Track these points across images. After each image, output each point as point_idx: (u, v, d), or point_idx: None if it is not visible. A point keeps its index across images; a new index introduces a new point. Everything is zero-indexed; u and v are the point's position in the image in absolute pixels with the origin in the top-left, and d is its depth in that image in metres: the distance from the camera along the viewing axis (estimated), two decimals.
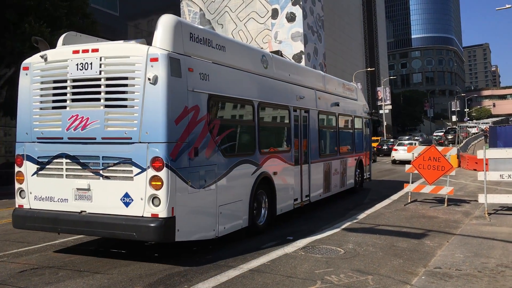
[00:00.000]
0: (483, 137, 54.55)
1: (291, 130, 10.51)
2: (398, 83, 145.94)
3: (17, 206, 7.47)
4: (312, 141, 11.70)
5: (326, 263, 6.72)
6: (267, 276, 6.11)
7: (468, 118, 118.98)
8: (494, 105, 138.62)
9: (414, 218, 10.59)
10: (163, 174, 6.41)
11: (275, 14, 54.91)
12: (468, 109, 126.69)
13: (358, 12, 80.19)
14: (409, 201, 13.04)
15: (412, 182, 13.23)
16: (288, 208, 10.17)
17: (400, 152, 31.06)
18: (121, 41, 7.39)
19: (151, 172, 6.45)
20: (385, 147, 43.06)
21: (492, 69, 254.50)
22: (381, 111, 72.49)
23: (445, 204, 12.44)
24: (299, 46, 53.36)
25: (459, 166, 26.69)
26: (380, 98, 76.23)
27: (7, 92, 19.95)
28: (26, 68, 7.51)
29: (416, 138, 58.22)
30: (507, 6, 32.75)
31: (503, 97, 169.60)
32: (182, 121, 6.72)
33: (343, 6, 70.95)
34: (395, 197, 14.23)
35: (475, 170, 22.36)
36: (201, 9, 60.07)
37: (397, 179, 19.88)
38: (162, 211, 6.39)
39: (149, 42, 6.95)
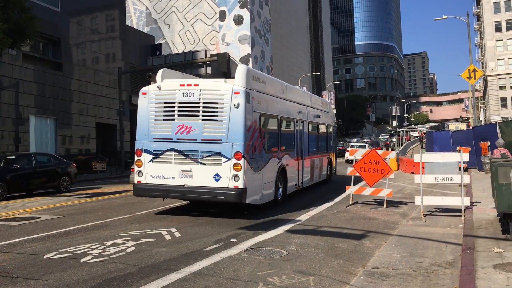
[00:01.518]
0: (418, 142, 57.01)
1: (294, 135, 14.72)
2: (342, 88, 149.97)
3: (136, 182, 11.38)
4: (304, 143, 15.79)
5: (269, 264, 6.77)
6: (210, 279, 6.07)
7: (408, 123, 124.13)
8: (431, 111, 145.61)
9: (355, 220, 10.89)
10: (241, 162, 10.43)
11: (222, 16, 54.89)
12: (407, 115, 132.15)
13: (304, 18, 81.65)
14: (350, 203, 13.39)
15: (354, 185, 13.61)
16: (292, 189, 14.23)
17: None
18: (213, 80, 11.66)
19: (234, 161, 10.45)
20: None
21: (430, 76, 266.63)
22: None
23: (384, 206, 12.88)
24: (246, 49, 53.62)
25: (398, 169, 27.73)
26: None
27: None
28: (144, 93, 11.53)
29: (365, 140, 60.90)
30: (444, 16, 34.47)
31: (439, 103, 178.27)
32: (250, 130, 10.85)
33: (290, 11, 71.99)
34: (337, 199, 14.58)
35: (412, 173, 23.31)
36: (147, 8, 59.01)
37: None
38: (240, 184, 10.40)
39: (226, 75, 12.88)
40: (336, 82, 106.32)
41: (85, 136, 30.69)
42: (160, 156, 11.12)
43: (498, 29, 79.94)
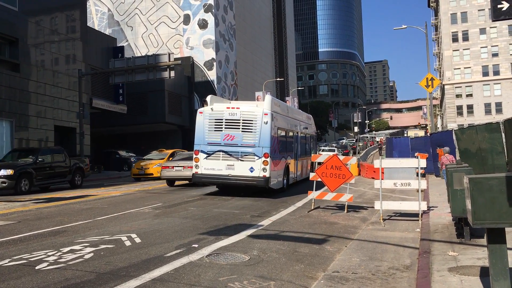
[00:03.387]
0: (377, 149, 58.37)
1: (293, 142, 19.91)
2: (305, 94, 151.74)
3: (194, 172, 16.53)
4: (298, 148, 20.92)
5: (230, 270, 6.75)
6: (170, 285, 5.99)
7: (369, 129, 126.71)
8: (391, 118, 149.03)
9: (316, 224, 11.01)
10: (268, 159, 15.56)
11: (187, 19, 54.59)
12: (368, 121, 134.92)
13: (268, 24, 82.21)
14: (312, 207, 13.53)
15: (315, 190, 13.76)
16: (291, 181, 19.23)
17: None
18: (249, 104, 17.67)
19: (263, 159, 15.57)
20: None
21: (390, 84, 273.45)
22: None
23: (345, 211, 13.08)
24: (210, 53, 53.50)
25: (359, 174, 28.25)
26: None
27: None
28: (201, 112, 16.61)
29: (333, 144, 62.56)
30: (404, 26, 35.48)
31: (399, 110, 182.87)
32: (273, 138, 16.00)
33: (254, 17, 72.36)
34: (299, 204, 14.70)
35: (373, 178, 23.80)
36: (109, 10, 57.99)
37: None
38: (267, 174, 15.56)
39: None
40: (299, 88, 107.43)
41: (43, 139, 29.77)
42: (212, 155, 16.23)
43: (454, 39, 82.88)
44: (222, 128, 16.10)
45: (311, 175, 13.72)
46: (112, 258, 7.39)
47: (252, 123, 15.87)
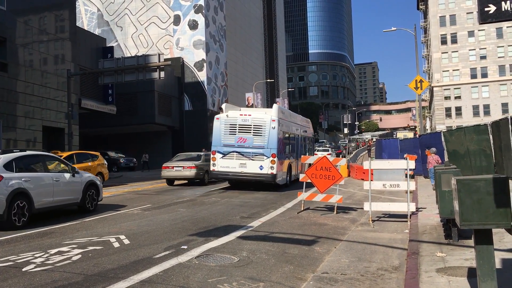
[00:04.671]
0: (366, 151, 58.60)
1: (295, 144, 22.56)
2: (296, 95, 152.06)
3: (211, 170, 19.17)
4: (299, 149, 23.52)
5: (219, 271, 6.73)
6: (159, 287, 5.96)
7: (359, 131, 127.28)
8: (381, 120, 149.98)
9: (306, 226, 11.02)
10: (275, 159, 18.23)
11: (177, 20, 54.45)
12: (358, 122, 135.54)
13: (259, 25, 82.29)
14: (302, 209, 13.55)
15: (305, 191, 13.78)
16: (292, 178, 21.46)
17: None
18: (259, 111, 20.18)
19: (271, 158, 18.22)
20: None
21: (380, 86, 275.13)
22: None
23: (335, 212, 13.11)
24: (201, 54, 53.39)
25: (348, 175, 28.34)
26: None
27: None
28: (218, 118, 19.20)
29: (327, 145, 63.26)
30: (393, 28, 35.71)
31: (388, 112, 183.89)
32: (279, 141, 18.66)
33: (244, 18, 72.38)
34: (289, 205, 14.72)
35: (362, 179, 23.90)
36: (99, 10, 57.65)
37: None
38: (274, 172, 18.25)
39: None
40: (290, 90, 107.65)
41: (31, 140, 29.49)
42: (227, 155, 18.91)
43: (443, 42, 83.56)
44: (236, 132, 18.84)
45: (301, 176, 13.74)
46: (100, 259, 7.33)
47: (261, 128, 18.67)
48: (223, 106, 19.80)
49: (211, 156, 19.17)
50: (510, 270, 6.29)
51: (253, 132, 18.61)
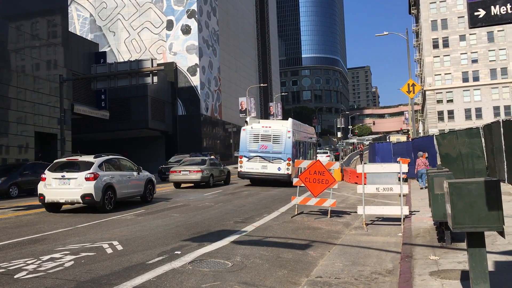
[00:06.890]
0: (358, 156, 58.54)
1: (304, 149, 26.77)
2: (289, 99, 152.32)
3: (239, 170, 23.97)
4: (306, 153, 27.67)
5: (213, 276, 6.70)
6: None
7: (352, 134, 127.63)
8: (374, 123, 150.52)
9: (300, 230, 11.02)
10: (290, 162, 22.79)
11: (170, 25, 54.45)
12: (351, 126, 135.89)
13: (252, 30, 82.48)
14: (296, 213, 13.53)
15: (299, 195, 13.77)
16: None
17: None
18: (277, 123, 24.97)
19: (287, 162, 22.97)
20: None
21: (373, 90, 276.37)
22: None
23: (329, 216, 13.11)
24: (194, 59, 53.41)
25: (342, 179, 28.39)
26: (272, 113, 78.79)
27: None
28: (244, 129, 24.02)
29: (326, 148, 63.89)
30: (385, 33, 35.91)
31: (381, 116, 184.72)
32: (293, 148, 23.55)
33: (238, 23, 72.50)
34: (283, 209, 14.70)
35: (356, 183, 23.93)
36: (91, 15, 57.53)
37: None
38: (289, 172, 22.82)
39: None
40: (283, 94, 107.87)
41: (23, 146, 29.33)
42: (251, 159, 23.31)
43: (435, 46, 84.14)
44: (258, 140, 23.41)
45: (294, 180, 13.74)
46: (93, 266, 7.29)
47: (279, 138, 23.25)
48: (248, 119, 24.60)
49: (238, 159, 23.94)
50: (502, 272, 6.32)
51: (273, 141, 23.23)
